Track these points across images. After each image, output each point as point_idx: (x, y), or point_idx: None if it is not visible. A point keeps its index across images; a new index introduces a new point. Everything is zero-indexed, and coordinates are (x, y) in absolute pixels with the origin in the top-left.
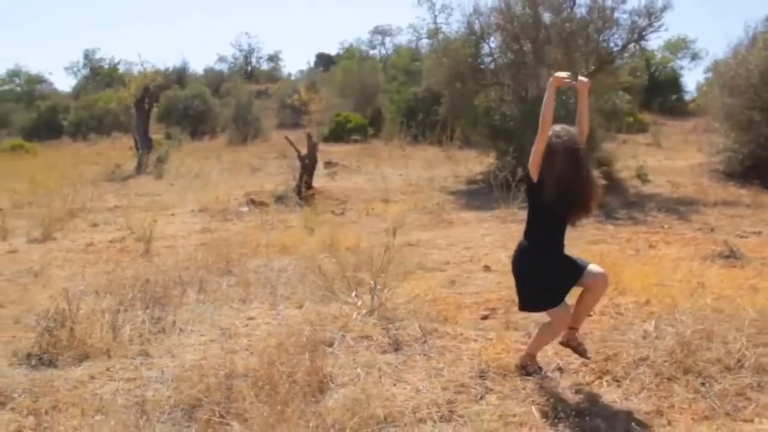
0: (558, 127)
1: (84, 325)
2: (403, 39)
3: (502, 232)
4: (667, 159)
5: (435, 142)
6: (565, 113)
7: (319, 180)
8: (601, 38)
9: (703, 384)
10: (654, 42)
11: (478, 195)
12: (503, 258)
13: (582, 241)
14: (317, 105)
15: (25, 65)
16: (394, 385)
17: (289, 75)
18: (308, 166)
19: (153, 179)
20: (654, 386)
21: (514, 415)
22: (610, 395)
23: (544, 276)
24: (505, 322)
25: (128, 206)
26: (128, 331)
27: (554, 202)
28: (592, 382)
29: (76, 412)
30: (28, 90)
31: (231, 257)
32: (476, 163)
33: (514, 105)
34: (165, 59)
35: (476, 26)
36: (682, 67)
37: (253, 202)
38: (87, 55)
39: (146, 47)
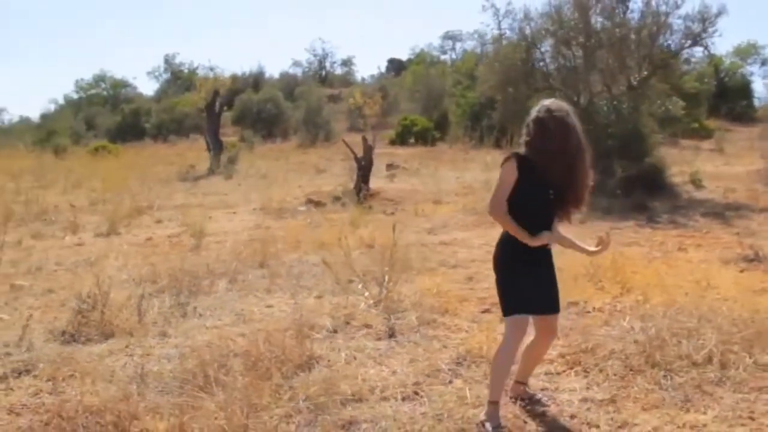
0: (549, 102)
1: (114, 308)
2: (472, 44)
3: None
4: (726, 165)
5: (497, 146)
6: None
7: (379, 181)
8: (654, 43)
9: (665, 377)
10: (722, 47)
11: None
12: None
13: (616, 243)
14: (371, 109)
15: (110, 70)
16: (374, 367)
17: (363, 80)
18: (364, 167)
19: (223, 179)
20: (618, 378)
21: (476, 397)
22: (574, 384)
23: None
24: (499, 317)
25: (193, 204)
26: (153, 315)
27: (547, 183)
28: (563, 371)
29: (87, 380)
30: (114, 94)
31: (269, 252)
32: None
33: None
34: (242, 64)
35: (527, 31)
36: (752, 73)
37: (311, 201)
38: (167, 60)
39: (225, 52)
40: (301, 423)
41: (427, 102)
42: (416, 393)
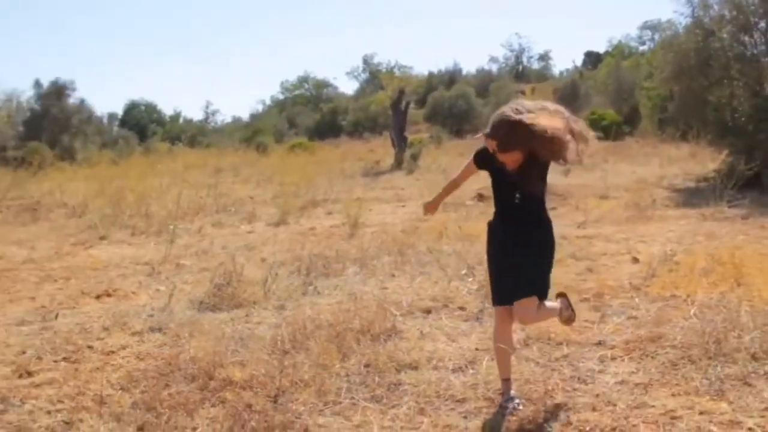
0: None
1: (246, 284)
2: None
3: (691, 228)
4: None
5: (683, 139)
6: None
7: (552, 177)
8: None
9: (715, 367)
10: None
11: (700, 193)
12: (663, 251)
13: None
14: None
15: (312, 71)
16: (444, 342)
17: (561, 74)
18: None
19: (404, 174)
20: (668, 365)
21: (520, 374)
22: (621, 368)
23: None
24: (591, 306)
25: (368, 198)
26: (278, 291)
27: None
28: (618, 357)
29: (202, 338)
30: (316, 94)
31: (409, 242)
32: (714, 160)
33: (744, 100)
34: (438, 62)
35: (706, 20)
36: None
37: (480, 196)
38: (366, 61)
39: (421, 51)
40: (354, 381)
41: (618, 95)
42: (468, 365)
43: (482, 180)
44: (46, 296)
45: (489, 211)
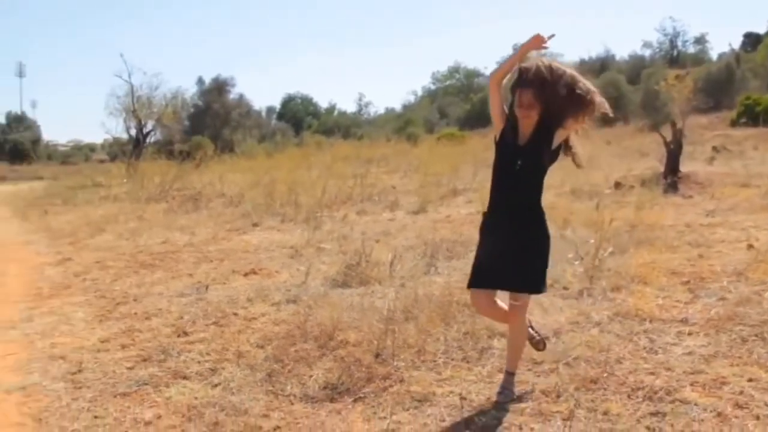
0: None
1: (374, 264)
2: None
3: None
4: None
5: None
6: None
7: (696, 164)
8: None
9: None
10: None
11: None
12: None
13: None
14: (680, 93)
15: (463, 61)
16: (538, 316)
17: (720, 56)
18: (672, 151)
19: None
20: (738, 342)
21: (597, 343)
22: (694, 342)
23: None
24: (687, 288)
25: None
26: (402, 271)
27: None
28: (695, 332)
29: (329, 309)
30: (467, 84)
31: None
32: None
33: None
34: (588, 49)
35: None
36: None
37: (619, 185)
38: (515, 49)
39: (572, 38)
40: (452, 345)
41: None
42: (553, 335)
43: (631, 168)
44: (202, 274)
45: (623, 200)
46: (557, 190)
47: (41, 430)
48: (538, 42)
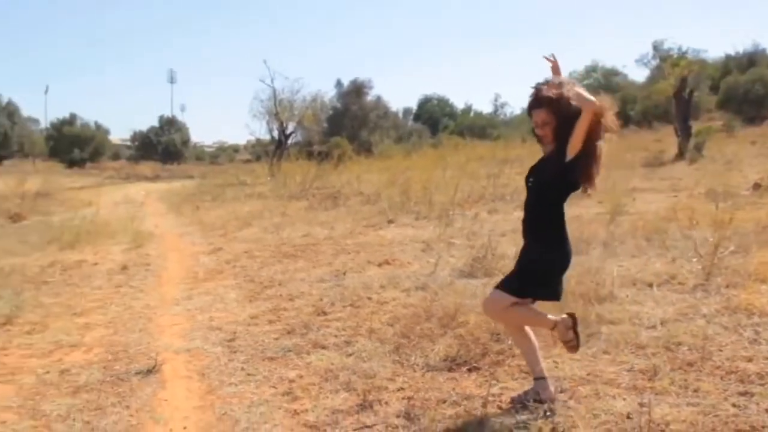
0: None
1: (499, 257)
2: None
3: None
4: None
5: None
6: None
7: None
8: None
9: None
10: None
11: None
12: None
13: None
14: None
15: (601, 60)
16: (648, 307)
17: None
18: None
19: (686, 165)
20: None
21: (689, 329)
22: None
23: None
24: None
25: (643, 188)
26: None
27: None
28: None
29: (454, 295)
30: (606, 83)
31: (659, 226)
32: None
33: None
34: (735, 44)
35: None
36: None
37: (758, 186)
38: (656, 47)
39: (718, 32)
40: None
41: None
42: (660, 324)
43: (765, 169)
44: (340, 263)
45: (760, 201)
46: (688, 192)
47: (204, 382)
48: (552, 66)
